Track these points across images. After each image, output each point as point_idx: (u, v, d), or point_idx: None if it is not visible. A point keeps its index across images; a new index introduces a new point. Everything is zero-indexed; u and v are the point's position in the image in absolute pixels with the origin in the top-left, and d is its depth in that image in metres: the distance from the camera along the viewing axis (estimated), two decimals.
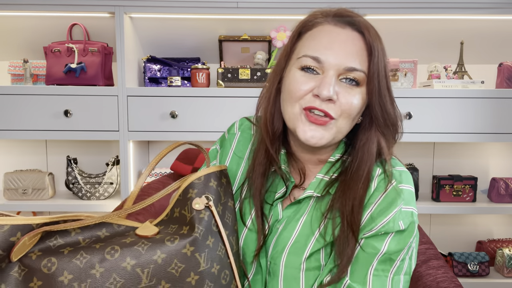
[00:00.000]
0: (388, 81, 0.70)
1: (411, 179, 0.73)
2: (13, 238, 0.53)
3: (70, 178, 1.91)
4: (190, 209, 0.62)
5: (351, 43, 0.67)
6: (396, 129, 0.72)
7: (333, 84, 0.66)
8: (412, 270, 0.72)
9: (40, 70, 1.92)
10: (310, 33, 0.70)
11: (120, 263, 0.56)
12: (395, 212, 0.68)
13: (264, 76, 1.78)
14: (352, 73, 0.66)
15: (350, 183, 0.70)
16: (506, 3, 1.70)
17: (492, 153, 2.12)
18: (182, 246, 0.59)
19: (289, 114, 0.70)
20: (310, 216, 0.73)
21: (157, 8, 1.70)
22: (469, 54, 1.94)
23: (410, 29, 1.86)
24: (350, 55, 0.66)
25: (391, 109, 0.70)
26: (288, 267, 0.71)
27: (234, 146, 0.84)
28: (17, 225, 0.53)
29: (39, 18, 1.81)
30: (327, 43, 0.67)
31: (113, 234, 0.60)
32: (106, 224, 0.60)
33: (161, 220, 0.65)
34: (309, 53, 0.68)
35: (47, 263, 0.54)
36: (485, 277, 1.90)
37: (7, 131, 1.74)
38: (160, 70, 1.88)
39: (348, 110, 0.67)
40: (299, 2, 1.70)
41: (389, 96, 0.70)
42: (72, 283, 0.54)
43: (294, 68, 0.70)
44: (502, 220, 2.15)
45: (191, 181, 0.65)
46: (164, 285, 0.57)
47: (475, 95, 1.73)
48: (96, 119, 1.74)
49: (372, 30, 0.68)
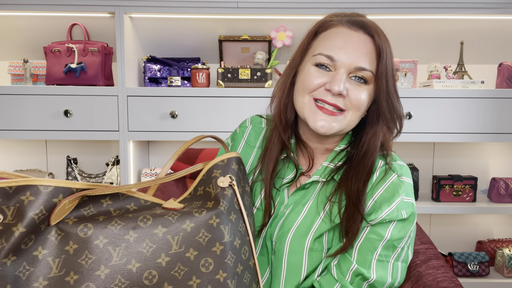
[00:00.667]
0: (395, 80, 0.78)
1: (410, 173, 0.80)
2: (55, 199, 0.56)
3: (70, 178, 1.91)
4: (215, 186, 0.67)
5: (363, 45, 0.74)
6: (401, 122, 0.80)
7: (343, 80, 0.73)
8: (409, 259, 0.79)
9: (40, 70, 1.92)
10: (326, 34, 0.77)
11: (153, 230, 0.59)
12: (398, 201, 0.74)
13: (264, 76, 1.78)
14: (361, 72, 0.73)
15: (356, 168, 0.77)
16: (506, 3, 1.70)
17: (492, 153, 2.12)
18: (209, 217, 0.63)
19: (300, 104, 0.77)
20: (316, 200, 0.79)
21: (157, 8, 1.70)
22: (469, 54, 1.94)
23: (410, 29, 1.86)
24: (361, 56, 0.73)
25: (397, 104, 0.78)
26: (292, 247, 0.75)
27: (246, 137, 0.91)
28: (60, 187, 0.56)
29: (39, 18, 1.81)
30: (341, 44, 0.74)
31: (141, 207, 0.64)
32: (134, 198, 0.64)
33: (184, 198, 0.69)
34: (324, 51, 0.74)
35: (83, 228, 0.57)
36: (485, 277, 1.90)
37: (7, 131, 1.74)
38: (160, 70, 1.88)
39: (357, 105, 0.74)
40: (299, 2, 1.70)
41: (395, 93, 0.77)
42: (107, 246, 0.57)
43: (309, 64, 0.77)
44: (502, 220, 2.15)
45: (215, 163, 0.70)
46: (192, 252, 0.61)
47: (475, 95, 1.73)
48: (96, 119, 1.74)
49: (381, 34, 0.76)
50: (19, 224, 0.53)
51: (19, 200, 0.54)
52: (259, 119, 0.93)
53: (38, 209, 0.54)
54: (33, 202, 0.54)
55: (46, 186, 0.55)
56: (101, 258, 0.56)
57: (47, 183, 0.55)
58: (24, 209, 0.53)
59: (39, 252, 0.54)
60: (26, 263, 0.53)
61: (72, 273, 0.55)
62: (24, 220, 0.53)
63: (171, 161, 0.73)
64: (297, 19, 1.78)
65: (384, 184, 0.75)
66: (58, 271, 0.55)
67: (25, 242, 0.54)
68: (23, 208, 0.54)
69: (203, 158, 1.48)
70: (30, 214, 0.53)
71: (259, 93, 1.73)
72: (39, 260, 0.54)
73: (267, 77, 1.78)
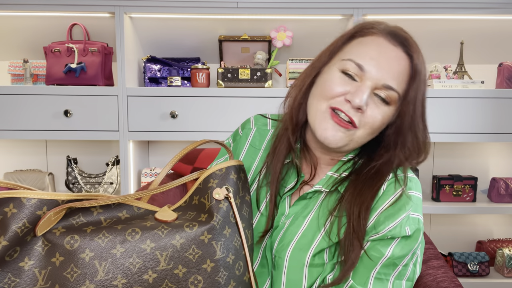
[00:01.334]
0: (424, 108, 0.71)
1: (420, 186, 0.74)
2: (39, 212, 0.55)
3: (70, 178, 1.91)
4: (210, 198, 0.64)
5: (397, 62, 0.68)
6: (421, 154, 0.73)
7: (367, 94, 0.67)
8: (415, 277, 0.73)
9: (40, 70, 1.92)
10: (362, 40, 0.71)
11: (140, 245, 0.57)
12: (403, 217, 0.68)
13: (264, 76, 1.78)
14: (388, 91, 0.68)
15: (361, 188, 0.71)
16: (506, 3, 1.70)
17: (492, 153, 2.12)
18: (200, 233, 0.60)
19: (314, 109, 0.71)
20: (317, 213, 0.74)
21: (157, 8, 1.70)
22: (469, 54, 1.94)
23: (410, 29, 1.85)
24: (392, 74, 0.67)
25: (423, 137, 0.72)
26: (292, 262, 0.72)
27: (250, 139, 0.85)
28: (44, 200, 0.55)
29: (39, 18, 1.81)
30: (374, 55, 0.68)
31: (133, 216, 0.62)
32: (127, 205, 0.62)
33: (179, 206, 0.67)
34: (355, 58, 0.68)
35: (70, 239, 0.56)
36: (485, 277, 1.90)
37: (7, 131, 1.74)
38: (160, 70, 1.88)
39: (371, 123, 0.69)
40: (299, 2, 1.70)
41: (422, 122, 0.71)
42: (93, 260, 0.55)
43: (335, 68, 0.71)
44: (502, 220, 2.15)
45: (213, 171, 0.67)
46: (181, 269, 0.59)
47: (475, 95, 1.73)
48: (96, 119, 1.74)
49: (421, 57, 0.70)
50: (1, 237, 0.52)
51: (2, 212, 0.53)
52: (264, 119, 0.87)
53: (21, 222, 0.53)
54: (16, 214, 0.53)
55: (29, 199, 0.54)
56: (87, 272, 0.55)
57: (30, 195, 0.54)
58: (7, 222, 0.53)
59: (25, 263, 0.54)
60: (12, 274, 0.53)
61: (58, 286, 0.54)
62: (6, 233, 0.52)
63: (170, 165, 0.71)
64: (297, 19, 1.78)
65: (390, 198, 0.70)
66: (44, 283, 0.54)
67: (10, 254, 0.53)
68: (6, 220, 0.53)
69: (203, 158, 1.48)
70: (13, 227, 0.53)
71: (259, 93, 1.73)
72: (25, 271, 0.53)
73: (267, 77, 1.77)
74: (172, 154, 2.09)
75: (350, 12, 1.71)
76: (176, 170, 1.52)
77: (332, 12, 1.72)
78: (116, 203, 0.61)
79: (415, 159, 0.73)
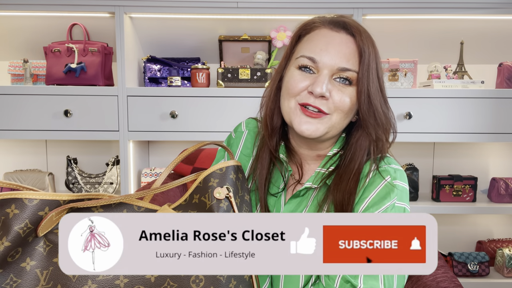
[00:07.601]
0: (381, 82, 0.75)
1: (406, 177, 0.77)
2: (41, 212, 0.55)
3: (70, 178, 1.91)
4: (210, 197, 0.65)
5: (345, 45, 0.72)
6: (388, 128, 0.77)
7: (326, 82, 0.71)
8: None
9: (40, 70, 1.92)
10: (308, 36, 0.76)
11: None
12: (388, 205, 0.72)
13: (264, 76, 1.78)
14: (345, 73, 0.72)
15: (342, 176, 0.75)
16: (506, 3, 1.70)
17: (492, 153, 2.12)
18: None
19: (286, 108, 0.76)
20: (311, 209, 0.77)
21: (157, 8, 1.70)
22: (469, 54, 1.94)
23: (410, 29, 1.86)
24: (344, 57, 0.72)
25: (384, 109, 0.75)
26: None
27: (241, 145, 0.88)
28: (46, 200, 0.56)
29: (39, 18, 1.81)
30: (322, 45, 0.73)
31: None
32: (127, 205, 0.63)
33: (179, 205, 0.67)
34: (306, 53, 0.74)
35: None
36: (485, 277, 1.90)
37: (7, 131, 1.74)
38: (160, 70, 1.88)
39: (341, 107, 0.73)
40: (299, 2, 1.70)
41: (382, 96, 0.75)
42: None
43: (292, 68, 0.76)
44: (502, 220, 2.15)
45: (213, 171, 0.68)
46: None
47: (475, 95, 1.73)
48: (96, 119, 1.74)
49: (364, 34, 0.74)
50: (4, 238, 0.52)
51: (4, 213, 0.53)
52: (255, 122, 0.90)
53: (23, 222, 0.53)
54: (18, 215, 0.53)
55: (31, 200, 0.54)
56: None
57: (32, 196, 0.55)
58: (9, 223, 0.53)
59: (27, 263, 0.54)
60: (14, 274, 0.53)
61: (60, 286, 0.54)
62: (9, 234, 0.52)
63: (171, 166, 0.70)
64: (297, 19, 1.78)
65: (376, 188, 0.73)
66: (46, 283, 0.54)
67: (12, 255, 0.53)
68: (8, 221, 0.53)
69: (203, 158, 1.48)
70: (15, 228, 0.53)
71: (259, 93, 1.72)
72: (27, 271, 0.54)
73: (267, 77, 1.78)
74: (172, 154, 2.09)
75: (350, 12, 1.71)
76: (177, 170, 1.52)
77: (332, 12, 1.71)
78: (117, 203, 0.62)
79: (385, 135, 0.76)
